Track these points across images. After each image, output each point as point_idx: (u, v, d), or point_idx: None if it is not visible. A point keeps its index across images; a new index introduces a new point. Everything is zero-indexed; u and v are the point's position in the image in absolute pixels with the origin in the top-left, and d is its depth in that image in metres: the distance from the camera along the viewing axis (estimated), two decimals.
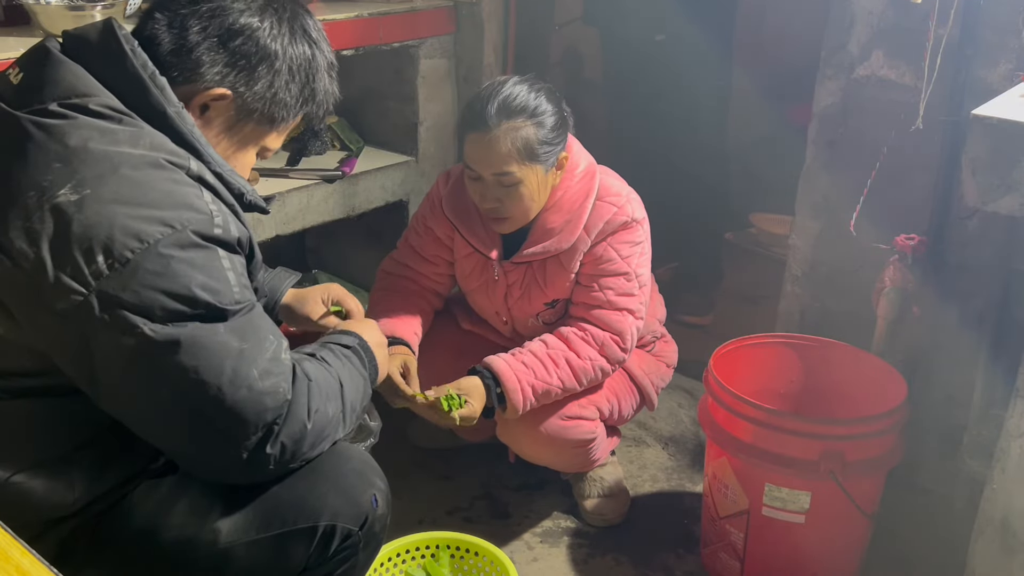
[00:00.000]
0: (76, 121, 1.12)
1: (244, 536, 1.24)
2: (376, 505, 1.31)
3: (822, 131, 2.15)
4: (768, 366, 2.02)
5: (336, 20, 2.38)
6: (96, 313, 1.05)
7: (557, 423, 1.96)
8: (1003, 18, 1.82)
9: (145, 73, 1.17)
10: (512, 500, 2.22)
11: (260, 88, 1.25)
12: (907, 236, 1.95)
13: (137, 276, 1.06)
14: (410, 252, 2.11)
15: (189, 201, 1.12)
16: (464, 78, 2.81)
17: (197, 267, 1.09)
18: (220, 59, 1.22)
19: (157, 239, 1.07)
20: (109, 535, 1.26)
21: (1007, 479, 1.53)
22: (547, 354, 1.90)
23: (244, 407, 1.13)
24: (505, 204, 1.86)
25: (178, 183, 1.13)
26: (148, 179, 1.10)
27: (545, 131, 1.81)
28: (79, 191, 1.07)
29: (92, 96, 1.14)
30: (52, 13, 1.97)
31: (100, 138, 1.11)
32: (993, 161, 1.31)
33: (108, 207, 1.07)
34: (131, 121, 1.15)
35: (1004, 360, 1.79)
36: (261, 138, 1.32)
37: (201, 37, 1.21)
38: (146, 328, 1.07)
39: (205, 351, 1.10)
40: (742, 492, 1.81)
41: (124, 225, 1.06)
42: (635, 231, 1.95)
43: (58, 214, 1.06)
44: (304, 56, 1.29)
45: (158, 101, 1.17)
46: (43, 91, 1.14)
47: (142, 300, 1.06)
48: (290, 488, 1.26)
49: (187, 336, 1.09)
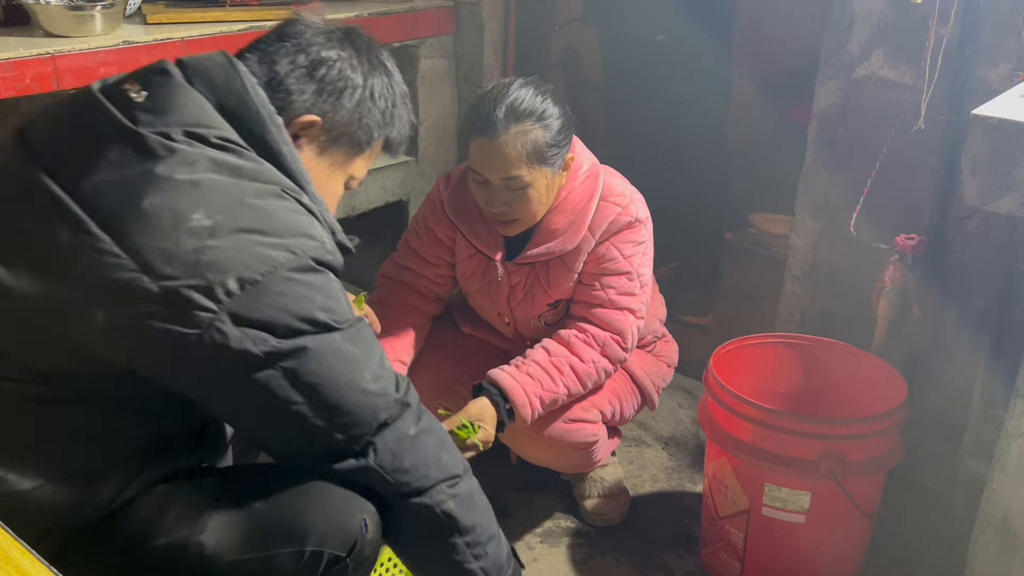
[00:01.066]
0: (202, 150, 1.18)
1: (228, 554, 1.24)
2: (366, 530, 1.29)
3: (822, 131, 2.15)
4: (768, 366, 2.02)
5: (336, 20, 2.38)
6: (225, 328, 1.12)
7: (560, 426, 1.96)
8: (1003, 18, 1.82)
9: (265, 112, 1.25)
10: (512, 500, 2.22)
11: (346, 112, 1.34)
12: (907, 236, 1.95)
13: (265, 297, 1.14)
14: (411, 254, 2.11)
15: (306, 230, 1.20)
16: (464, 78, 2.81)
17: (316, 289, 1.18)
18: (308, 88, 1.31)
19: (282, 263, 1.15)
20: (101, 538, 1.26)
21: (1007, 479, 1.53)
22: (551, 362, 1.89)
23: (360, 408, 1.23)
24: (513, 207, 1.85)
25: (296, 212, 1.21)
26: (271, 208, 1.19)
27: (552, 133, 1.81)
28: (212, 216, 1.13)
29: (214, 128, 1.21)
30: (52, 13, 1.97)
31: (225, 169, 1.18)
32: (993, 161, 1.31)
33: (238, 233, 1.14)
34: (250, 155, 1.22)
35: (1004, 360, 1.79)
36: (349, 164, 1.40)
37: (290, 68, 1.30)
38: (272, 341, 1.15)
39: (325, 359, 1.19)
40: (742, 492, 1.81)
41: (253, 250, 1.14)
42: (638, 231, 1.94)
43: (193, 236, 1.12)
44: (384, 83, 1.39)
45: (275, 139, 1.25)
46: (168, 116, 1.19)
47: (269, 318, 1.14)
48: (278, 510, 1.26)
49: (310, 345, 1.17)
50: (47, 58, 1.83)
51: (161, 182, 1.14)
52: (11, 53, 1.79)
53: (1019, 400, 1.49)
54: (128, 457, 1.25)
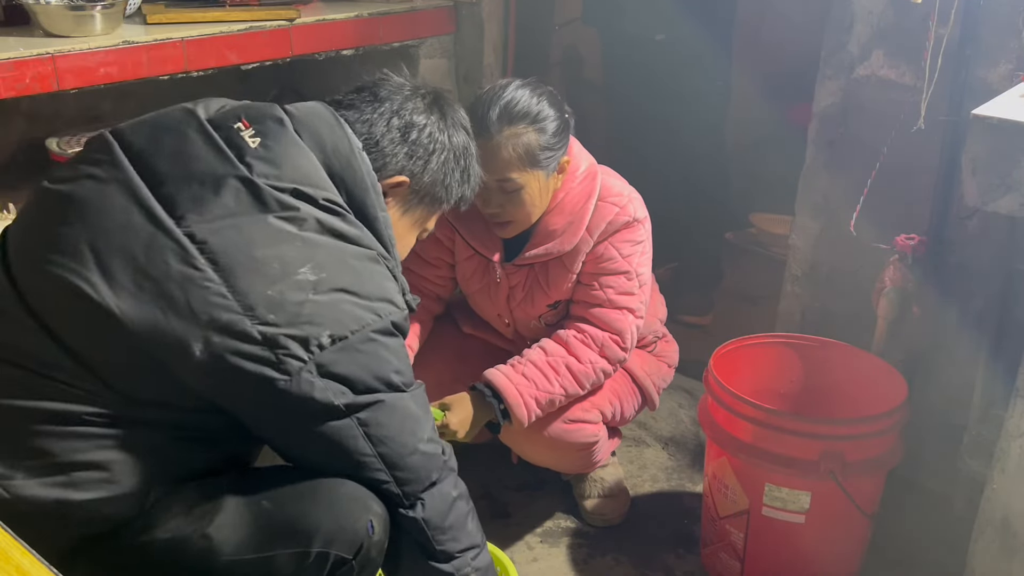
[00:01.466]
0: (310, 210, 1.25)
1: (233, 552, 1.24)
2: (372, 531, 1.30)
3: (822, 131, 2.15)
4: (768, 366, 2.02)
5: (336, 20, 2.38)
6: (311, 378, 1.18)
7: (560, 427, 1.96)
8: (1003, 18, 1.82)
9: (369, 179, 1.34)
10: (512, 500, 2.22)
11: (432, 174, 1.45)
12: (907, 236, 1.95)
13: (350, 354, 1.21)
14: (411, 255, 2.10)
15: (391, 296, 1.29)
16: (464, 78, 2.81)
17: (392, 352, 1.26)
18: (401, 151, 1.41)
19: (368, 324, 1.23)
20: (104, 539, 1.26)
21: (1007, 479, 1.53)
22: (547, 362, 1.89)
23: (417, 466, 1.31)
24: (507, 209, 1.85)
25: (386, 279, 1.30)
26: (367, 271, 1.27)
27: (547, 137, 1.80)
28: (317, 273, 1.20)
29: (322, 190, 1.28)
30: (52, 13, 1.97)
31: (330, 231, 1.25)
32: (993, 161, 1.31)
33: (337, 292, 1.21)
34: (351, 219, 1.30)
35: (1004, 360, 1.79)
36: (426, 220, 1.52)
37: (385, 130, 1.40)
38: (350, 395, 1.22)
39: (395, 415, 1.27)
40: (742, 492, 1.81)
41: (347, 310, 1.21)
42: (636, 230, 1.94)
43: (298, 289, 1.19)
44: (463, 144, 1.50)
45: (374, 205, 1.34)
46: (282, 170, 1.26)
47: (351, 374, 1.21)
48: (284, 509, 1.27)
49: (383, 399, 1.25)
50: (47, 58, 1.83)
51: (274, 233, 1.21)
52: (11, 53, 1.79)
53: (1019, 400, 1.48)
54: (175, 477, 1.28)
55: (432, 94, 1.48)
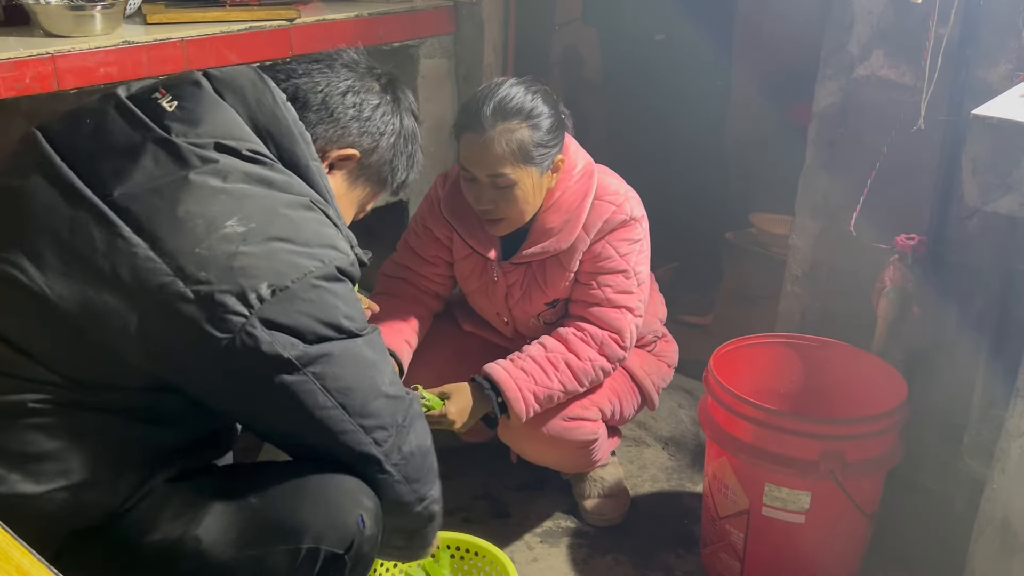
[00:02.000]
0: (234, 162, 1.22)
1: (224, 551, 1.24)
2: (363, 526, 1.29)
3: (822, 131, 2.15)
4: (768, 366, 2.02)
5: (336, 20, 2.38)
6: (257, 335, 1.15)
7: (559, 424, 1.96)
8: (1003, 18, 1.82)
9: (296, 128, 1.31)
10: (512, 500, 2.22)
11: (380, 154, 1.45)
12: (907, 236, 1.95)
13: (294, 303, 1.17)
14: (409, 253, 2.11)
15: (332, 241, 1.25)
16: (464, 78, 2.81)
17: (340, 297, 1.23)
18: (354, 125, 1.40)
19: (311, 271, 1.19)
20: (96, 536, 1.25)
21: (1007, 479, 1.53)
22: (546, 358, 1.89)
23: (382, 411, 1.28)
24: (500, 206, 1.86)
25: (323, 224, 1.27)
26: (301, 219, 1.23)
27: (540, 133, 1.81)
28: (245, 224, 1.17)
29: (245, 141, 1.26)
30: (52, 13, 1.97)
31: (256, 180, 1.23)
32: (993, 161, 1.31)
33: (271, 241, 1.18)
34: (279, 168, 1.27)
35: (1004, 360, 1.79)
36: (367, 201, 1.51)
37: (340, 102, 1.39)
38: (300, 346, 1.18)
39: (350, 363, 1.24)
40: (742, 492, 1.81)
41: (284, 258, 1.18)
42: (634, 229, 1.94)
43: (226, 242, 1.15)
44: (412, 129, 1.50)
45: (304, 154, 1.31)
46: (200, 127, 1.24)
47: (297, 324, 1.18)
48: (274, 506, 1.27)
49: (337, 350, 1.22)
50: (47, 58, 1.83)
51: (195, 190, 1.18)
52: (11, 53, 1.78)
53: (1019, 400, 1.48)
54: (142, 463, 1.25)
55: (387, 76, 1.48)
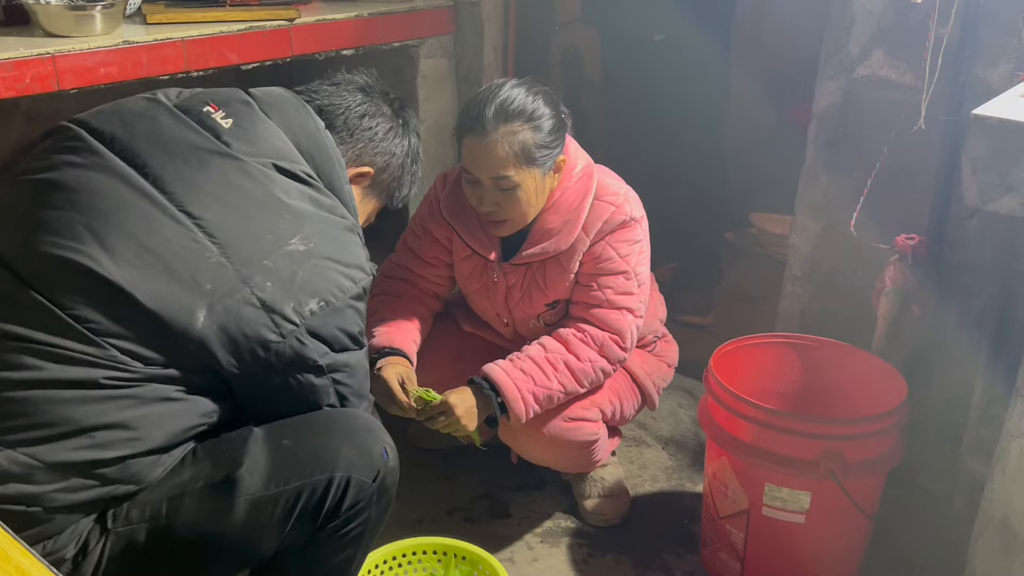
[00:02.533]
0: (292, 183, 1.37)
1: (264, 489, 1.31)
2: (387, 457, 1.40)
3: (822, 131, 2.15)
4: (768, 366, 2.02)
5: (336, 20, 2.38)
6: (301, 341, 1.30)
7: (560, 425, 1.96)
8: (1003, 18, 1.82)
9: (335, 153, 1.45)
10: (512, 500, 2.22)
11: (391, 172, 1.60)
12: (907, 236, 1.95)
13: (332, 317, 1.33)
14: (409, 254, 2.11)
15: (362, 264, 1.40)
16: (464, 78, 2.81)
17: (360, 314, 1.39)
18: (371, 147, 1.56)
19: (347, 290, 1.35)
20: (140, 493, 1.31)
21: (1007, 479, 1.53)
22: (546, 358, 1.89)
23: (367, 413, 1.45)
24: (503, 207, 1.86)
25: (359, 246, 1.42)
26: (346, 241, 1.39)
27: (542, 135, 1.80)
28: (306, 243, 1.32)
29: (299, 164, 1.40)
30: (52, 13, 1.96)
31: (310, 201, 1.37)
32: (993, 161, 1.31)
33: (325, 261, 1.34)
34: (325, 191, 1.41)
35: (1004, 360, 1.79)
36: (375, 211, 1.65)
37: (358, 124, 1.54)
38: (330, 353, 1.35)
39: (358, 372, 1.42)
40: (742, 492, 1.81)
41: (333, 278, 1.34)
42: (633, 230, 1.94)
43: (290, 259, 1.30)
44: (416, 149, 1.65)
45: (340, 178, 1.45)
46: (258, 147, 1.37)
47: (331, 335, 1.34)
48: (306, 444, 1.36)
49: (351, 360, 1.40)
50: (47, 58, 1.83)
51: (262, 205, 1.32)
52: (11, 53, 1.78)
53: (1019, 400, 1.48)
54: (186, 431, 1.33)
55: (399, 101, 1.64)
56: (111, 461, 1.24)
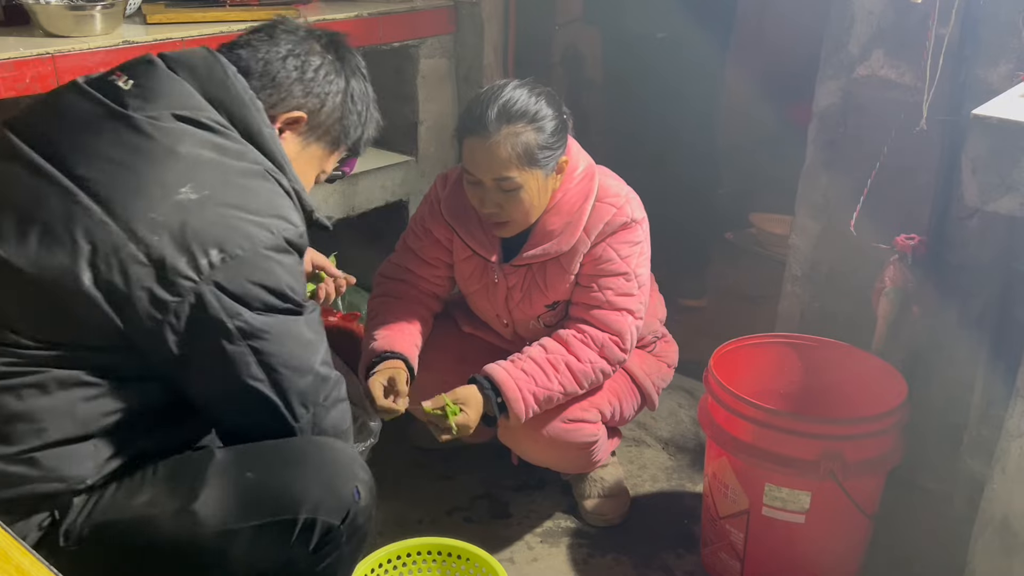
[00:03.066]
0: (189, 130, 1.27)
1: (222, 525, 1.26)
2: (359, 497, 1.33)
3: (822, 131, 2.15)
4: (768, 366, 2.02)
5: (336, 20, 2.38)
6: (205, 299, 1.20)
7: (559, 426, 1.96)
8: (1003, 18, 1.82)
9: (246, 96, 1.34)
10: (512, 500, 2.22)
11: (328, 112, 1.46)
12: (907, 236, 1.95)
13: (243, 271, 1.22)
14: (409, 255, 2.11)
15: (284, 212, 1.29)
16: (464, 78, 2.81)
17: (286, 268, 1.27)
18: (297, 88, 1.42)
19: (261, 240, 1.24)
20: (95, 519, 1.27)
21: (1007, 479, 1.53)
22: (546, 359, 1.89)
23: (309, 389, 1.33)
24: (505, 209, 1.85)
25: (277, 195, 1.31)
26: (256, 188, 1.28)
27: (545, 136, 1.80)
28: (199, 191, 1.22)
29: (202, 111, 1.30)
30: (52, 13, 1.97)
31: (211, 148, 1.27)
32: (993, 161, 1.31)
33: (223, 208, 1.23)
34: (235, 136, 1.31)
35: (1004, 360, 1.79)
36: (323, 160, 1.52)
37: (281, 67, 1.41)
38: (246, 314, 1.23)
39: (289, 339, 1.29)
40: (742, 492, 1.81)
41: (236, 226, 1.22)
42: (634, 231, 1.94)
43: (180, 209, 1.20)
44: (360, 88, 1.51)
45: (256, 121, 1.34)
46: (157, 101, 1.28)
47: (246, 291, 1.23)
48: (271, 479, 1.29)
49: (277, 324, 1.27)
50: (47, 58, 1.83)
51: (150, 157, 1.23)
52: (11, 53, 1.79)
53: (1019, 400, 1.48)
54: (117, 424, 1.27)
55: (328, 36, 1.50)
56: (14, 456, 1.19)
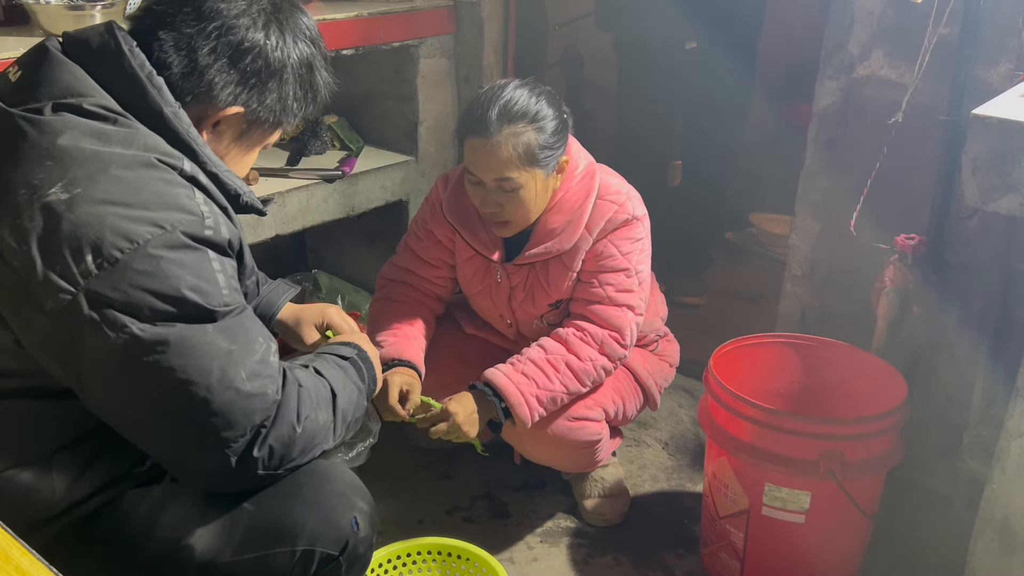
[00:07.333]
0: (69, 120, 1.12)
1: (219, 556, 1.22)
2: (357, 528, 1.28)
3: (822, 131, 2.15)
4: (768, 366, 2.02)
5: (336, 20, 2.38)
6: (84, 312, 1.06)
7: (563, 424, 1.96)
8: (1003, 18, 1.82)
9: (142, 72, 1.17)
10: (512, 500, 2.22)
11: (270, 101, 1.28)
12: (907, 236, 1.95)
13: (126, 276, 1.07)
14: (411, 256, 2.11)
15: (180, 202, 1.12)
16: (464, 78, 2.81)
17: (187, 268, 1.10)
18: (232, 79, 1.24)
19: (147, 239, 1.08)
20: (91, 540, 1.25)
21: (1007, 479, 1.53)
22: (547, 360, 1.89)
23: (231, 408, 1.13)
24: (506, 208, 1.86)
25: (170, 183, 1.13)
26: (139, 179, 1.11)
27: (546, 136, 1.81)
28: (70, 190, 1.08)
29: (87, 96, 1.15)
30: (52, 13, 1.97)
31: (92, 138, 1.12)
32: (993, 161, 1.31)
33: (98, 207, 1.07)
34: (125, 121, 1.16)
35: (1004, 360, 1.79)
36: (266, 140, 1.36)
37: (212, 59, 1.22)
38: (134, 327, 1.07)
39: (193, 351, 1.10)
40: (742, 492, 1.81)
41: (114, 225, 1.07)
42: (635, 228, 1.95)
43: (48, 213, 1.07)
44: (304, 57, 1.32)
45: (155, 100, 1.17)
46: (38, 90, 1.15)
47: (131, 299, 1.07)
48: (268, 510, 1.24)
49: (175, 336, 1.09)
50: None
51: (20, 158, 1.10)
52: (11, 53, 1.79)
53: (1019, 400, 1.49)
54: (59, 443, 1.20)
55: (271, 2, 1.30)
56: None
